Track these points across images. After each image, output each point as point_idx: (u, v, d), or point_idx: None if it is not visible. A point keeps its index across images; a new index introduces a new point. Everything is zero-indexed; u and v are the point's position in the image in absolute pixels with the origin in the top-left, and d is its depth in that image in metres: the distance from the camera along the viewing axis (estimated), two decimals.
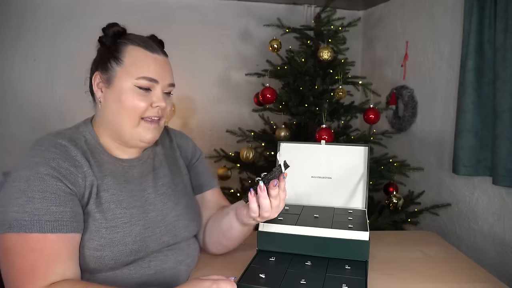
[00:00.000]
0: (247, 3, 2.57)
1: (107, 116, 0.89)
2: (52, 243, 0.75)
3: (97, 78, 0.90)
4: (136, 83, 0.87)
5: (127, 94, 0.87)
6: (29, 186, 0.77)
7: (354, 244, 0.90)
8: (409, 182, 2.14)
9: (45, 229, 0.75)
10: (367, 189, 1.08)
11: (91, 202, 0.83)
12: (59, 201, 0.78)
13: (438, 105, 1.99)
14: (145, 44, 0.90)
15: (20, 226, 0.74)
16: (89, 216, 0.83)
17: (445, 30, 1.94)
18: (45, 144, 0.83)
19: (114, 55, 0.88)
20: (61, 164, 0.80)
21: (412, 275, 0.98)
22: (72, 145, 0.85)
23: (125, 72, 0.87)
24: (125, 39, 0.90)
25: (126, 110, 0.87)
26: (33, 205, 0.75)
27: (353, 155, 1.11)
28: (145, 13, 2.40)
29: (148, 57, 0.89)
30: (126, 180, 0.91)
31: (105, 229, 0.83)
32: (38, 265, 0.73)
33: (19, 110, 2.34)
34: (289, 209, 1.07)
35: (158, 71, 0.89)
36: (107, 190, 0.86)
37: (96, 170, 0.86)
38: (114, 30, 0.90)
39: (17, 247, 0.73)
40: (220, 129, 2.48)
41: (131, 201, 0.89)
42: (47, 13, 2.32)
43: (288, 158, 1.15)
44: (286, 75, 1.98)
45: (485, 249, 1.70)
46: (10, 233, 0.74)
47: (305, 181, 1.13)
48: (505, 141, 1.50)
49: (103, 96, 0.89)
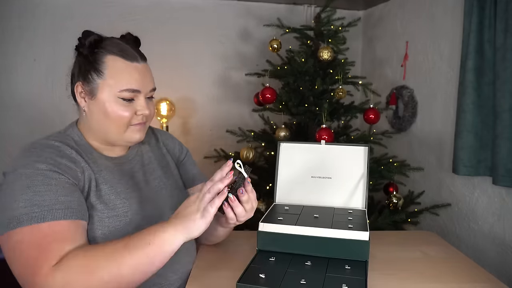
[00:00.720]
0: (247, 3, 2.57)
1: (92, 124, 0.92)
2: (64, 227, 0.76)
3: (79, 88, 0.91)
4: (119, 95, 0.88)
5: (111, 106, 0.88)
6: (32, 182, 0.77)
7: (354, 244, 0.90)
8: (409, 182, 2.14)
9: (56, 216, 0.76)
10: (367, 189, 1.08)
11: (92, 194, 0.85)
12: (65, 192, 0.79)
13: (438, 105, 1.99)
14: (123, 53, 0.90)
15: (31, 218, 0.74)
16: (90, 208, 0.85)
17: (445, 30, 1.94)
18: (38, 146, 0.84)
19: (94, 66, 0.88)
20: (59, 160, 0.82)
21: (412, 275, 0.98)
22: (64, 144, 0.87)
23: (107, 85, 0.88)
24: (102, 49, 0.89)
25: (112, 121, 0.89)
26: (40, 197, 0.76)
27: (353, 155, 1.11)
28: (145, 13, 2.40)
29: (128, 68, 0.89)
30: (120, 173, 0.94)
31: (108, 218, 0.86)
32: (51, 246, 0.73)
33: (18, 110, 2.34)
34: (289, 209, 1.07)
35: (139, 80, 0.90)
36: (105, 183, 0.89)
37: (92, 166, 0.89)
38: (91, 40, 0.89)
39: (28, 238, 0.73)
40: (220, 129, 2.48)
41: (128, 192, 0.92)
42: (47, 13, 2.32)
43: (288, 158, 1.15)
44: (286, 75, 1.98)
45: (485, 249, 1.70)
46: (20, 227, 0.73)
47: (305, 181, 1.13)
48: (505, 141, 1.50)
49: (87, 105, 0.91)
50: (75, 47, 0.92)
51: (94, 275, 0.72)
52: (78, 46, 0.91)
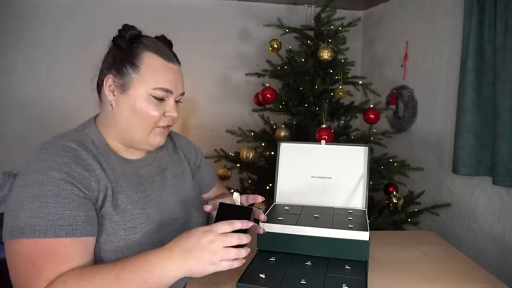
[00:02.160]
0: (247, 3, 2.57)
1: (118, 120, 0.88)
2: (66, 246, 0.74)
3: (110, 80, 0.87)
4: (151, 92, 0.86)
5: (142, 103, 0.86)
6: (42, 191, 0.75)
7: (354, 244, 0.90)
8: (409, 182, 2.14)
9: (59, 233, 0.73)
10: (367, 189, 1.08)
11: (107, 204, 0.83)
12: (73, 206, 0.76)
13: (438, 105, 1.99)
14: (161, 52, 0.89)
15: (34, 231, 0.72)
16: (105, 218, 0.82)
17: (445, 30, 1.94)
18: (54, 147, 0.81)
19: (131, 60, 0.86)
20: (74, 168, 0.79)
21: (412, 275, 0.98)
22: (81, 148, 0.83)
23: (141, 80, 0.86)
24: (141, 44, 0.88)
25: (140, 118, 0.87)
26: (47, 210, 0.74)
27: (353, 155, 1.11)
28: (145, 13, 2.40)
29: (164, 67, 0.88)
30: (138, 181, 0.91)
31: (124, 230, 0.83)
32: (46, 267, 0.71)
33: (19, 110, 2.34)
34: (289, 209, 1.07)
35: (173, 81, 0.89)
36: (122, 192, 0.86)
37: (109, 173, 0.85)
38: (132, 34, 0.87)
39: (26, 252, 0.72)
40: (220, 129, 2.48)
41: (146, 201, 0.90)
42: (47, 13, 2.32)
43: (288, 158, 1.15)
44: (286, 75, 1.98)
45: (485, 249, 1.70)
46: (21, 238, 0.72)
47: (305, 181, 1.13)
48: (505, 141, 1.50)
49: (115, 100, 0.87)
50: (112, 38, 0.90)
51: None
52: (116, 38, 0.89)
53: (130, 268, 0.71)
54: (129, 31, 0.88)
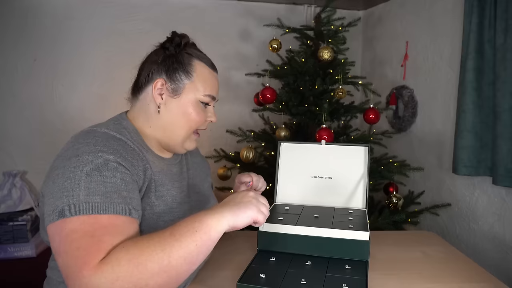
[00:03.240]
0: (247, 3, 2.57)
1: (164, 123, 0.92)
2: (124, 223, 0.74)
3: (159, 84, 0.91)
4: (201, 98, 0.93)
5: (193, 108, 0.92)
6: (98, 171, 0.75)
7: (355, 244, 0.90)
8: (409, 182, 2.14)
9: (118, 210, 0.74)
10: (367, 189, 1.08)
11: (151, 195, 0.86)
12: (128, 187, 0.78)
13: (438, 105, 1.99)
14: (206, 60, 0.96)
15: (92, 208, 0.71)
16: (145, 209, 0.84)
17: (445, 30, 1.94)
18: (102, 135, 0.82)
19: (185, 68, 0.92)
20: (125, 155, 0.81)
21: (412, 275, 0.98)
22: (126, 139, 0.86)
23: (194, 87, 0.92)
24: (191, 52, 0.94)
25: (187, 121, 0.92)
26: (104, 188, 0.74)
27: (353, 155, 1.11)
28: (145, 13, 2.40)
29: (212, 75, 0.96)
30: (172, 178, 0.95)
31: (164, 222, 0.86)
32: (104, 238, 0.70)
33: (19, 110, 2.34)
34: (289, 209, 1.07)
35: (217, 89, 0.98)
36: (162, 185, 0.90)
37: (152, 165, 0.89)
38: (185, 41, 0.95)
39: (85, 228, 0.70)
40: (220, 129, 2.48)
41: (182, 196, 0.95)
42: (47, 13, 2.32)
43: (288, 158, 1.15)
44: (286, 75, 1.98)
45: (485, 249, 1.70)
46: (78, 215, 0.70)
47: (305, 181, 1.13)
48: (505, 141, 1.50)
49: (163, 103, 0.91)
50: (161, 43, 0.95)
51: (144, 267, 0.68)
52: (168, 43, 0.94)
53: (183, 224, 0.74)
54: (182, 38, 0.95)
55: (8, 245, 1.70)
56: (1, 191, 2.14)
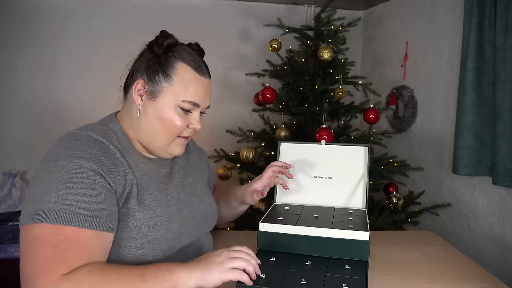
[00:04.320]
0: (247, 3, 2.57)
1: (143, 125, 0.89)
2: (87, 237, 0.73)
3: (139, 85, 0.88)
4: (179, 104, 0.87)
5: (169, 112, 0.87)
6: (71, 178, 0.74)
7: (355, 244, 0.90)
8: (409, 182, 2.14)
9: (83, 223, 0.72)
10: (367, 189, 1.08)
11: (132, 201, 0.83)
12: (99, 198, 0.76)
13: (438, 105, 1.99)
14: (195, 64, 0.90)
15: (58, 217, 0.71)
16: (128, 215, 0.82)
17: (445, 30, 1.94)
18: (83, 139, 0.81)
19: (164, 69, 0.87)
20: (103, 161, 0.79)
21: (412, 275, 0.98)
22: (108, 142, 0.84)
23: (172, 91, 0.87)
24: (176, 53, 0.89)
25: (164, 127, 0.88)
26: (74, 197, 0.73)
27: (353, 155, 1.11)
28: (145, 13, 2.40)
29: (197, 81, 0.89)
30: (159, 180, 0.93)
31: (147, 227, 0.84)
32: (70, 253, 0.70)
33: (19, 110, 2.34)
34: (289, 209, 1.07)
35: (202, 95, 0.90)
36: (146, 189, 0.88)
37: (134, 169, 0.87)
38: (170, 42, 0.89)
39: (48, 237, 0.70)
40: (220, 129, 2.48)
41: (168, 199, 0.92)
42: (47, 13, 2.32)
43: (288, 158, 1.15)
44: (286, 75, 1.98)
45: (485, 249, 1.70)
46: (44, 223, 0.70)
47: (305, 181, 1.13)
48: (505, 141, 1.50)
49: (142, 105, 0.88)
50: (148, 43, 0.91)
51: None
52: (153, 43, 0.90)
53: (154, 268, 0.73)
54: (167, 39, 0.89)
55: (8, 245, 1.70)
56: (1, 191, 2.14)
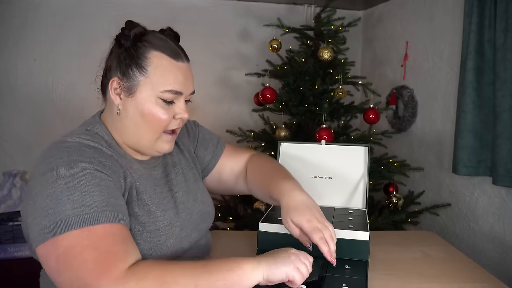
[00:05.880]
0: (247, 3, 2.57)
1: (125, 125, 0.84)
2: (120, 230, 0.70)
3: (115, 83, 0.82)
4: (160, 95, 0.81)
5: (150, 107, 0.81)
6: (79, 182, 0.69)
7: (354, 244, 0.90)
8: (409, 182, 2.14)
9: (110, 219, 0.69)
10: (368, 189, 1.08)
11: (134, 205, 0.80)
12: (114, 194, 0.73)
13: (438, 105, 1.99)
14: (169, 50, 0.83)
15: (83, 220, 0.66)
16: (131, 219, 0.78)
17: (445, 30, 1.94)
18: (74, 145, 0.75)
19: (137, 62, 0.81)
20: (104, 162, 0.75)
21: (412, 275, 0.98)
22: (101, 146, 0.79)
23: (149, 83, 0.81)
24: (146, 42, 0.82)
25: (148, 123, 0.82)
26: (91, 198, 0.68)
27: (354, 155, 1.11)
28: (145, 13, 2.39)
29: (174, 67, 0.82)
30: (154, 183, 0.88)
31: (149, 232, 0.80)
32: (115, 247, 0.66)
33: (19, 110, 2.33)
34: None
35: (182, 81, 0.83)
36: (144, 192, 0.83)
37: (131, 171, 0.82)
38: (136, 32, 0.82)
39: (83, 242, 0.65)
40: (220, 129, 2.48)
41: (165, 203, 0.87)
42: (47, 13, 2.32)
43: (288, 158, 1.15)
44: (286, 75, 1.98)
45: (485, 249, 1.70)
46: (70, 231, 0.65)
47: (306, 181, 1.13)
48: (505, 141, 1.50)
49: (122, 103, 0.82)
50: (115, 37, 0.84)
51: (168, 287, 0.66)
52: (119, 36, 0.83)
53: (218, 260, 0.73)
54: (133, 29, 0.82)
55: (8, 245, 1.70)
56: (1, 191, 2.14)
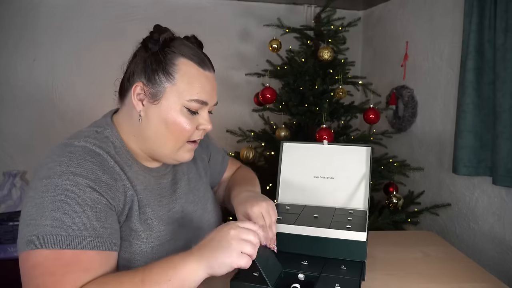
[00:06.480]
0: (247, 3, 2.57)
1: (146, 133, 0.80)
2: (90, 258, 0.68)
3: (139, 88, 0.79)
4: (186, 104, 0.78)
5: (175, 116, 0.78)
6: (67, 198, 0.68)
7: (351, 245, 0.90)
8: (409, 182, 2.14)
9: (84, 245, 0.67)
10: (369, 190, 1.08)
11: (134, 219, 0.77)
12: (99, 216, 0.70)
13: (438, 105, 1.99)
14: (197, 58, 0.81)
15: (56, 241, 0.65)
16: (130, 235, 0.77)
17: (445, 30, 1.94)
18: (78, 151, 0.73)
19: (165, 68, 0.78)
20: (101, 177, 0.72)
21: (412, 275, 0.98)
22: (106, 153, 0.76)
23: (175, 91, 0.78)
24: (175, 48, 0.80)
25: (171, 132, 0.79)
26: (71, 219, 0.67)
27: (356, 156, 1.11)
28: (145, 13, 2.40)
29: (201, 76, 0.80)
30: (159, 193, 0.86)
31: (151, 248, 0.79)
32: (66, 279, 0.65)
33: (19, 109, 2.34)
34: (290, 208, 1.07)
35: (209, 91, 0.81)
36: (147, 205, 0.81)
37: (134, 183, 0.80)
38: (166, 37, 0.80)
39: (46, 264, 0.65)
40: (220, 129, 2.48)
41: (170, 215, 0.85)
42: (47, 13, 2.32)
43: (291, 157, 1.15)
44: (286, 75, 1.98)
45: (485, 249, 1.70)
46: (42, 249, 0.65)
47: (308, 181, 1.13)
48: (505, 141, 1.50)
49: (144, 110, 0.79)
50: (142, 41, 0.82)
51: None
52: (147, 40, 0.81)
53: (155, 269, 0.68)
54: (163, 33, 0.80)
55: (8, 245, 1.70)
56: (1, 191, 2.14)
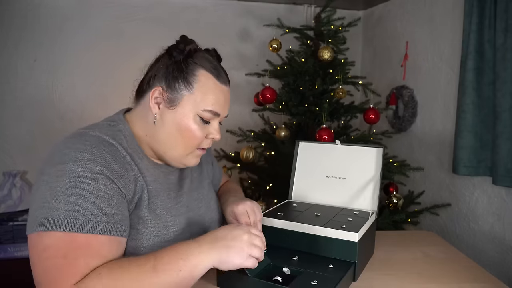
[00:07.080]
0: (247, 3, 2.57)
1: (159, 135, 0.85)
2: (101, 243, 0.70)
3: (157, 92, 0.83)
4: (200, 113, 0.84)
5: (188, 122, 0.83)
6: (81, 183, 0.70)
7: (343, 244, 0.91)
8: (409, 182, 2.14)
9: (96, 229, 0.70)
10: (379, 191, 1.08)
11: (144, 208, 0.80)
12: (111, 203, 0.73)
13: (438, 105, 1.99)
14: (216, 71, 0.87)
15: (70, 225, 0.68)
16: (138, 223, 0.80)
17: (445, 30, 1.94)
18: (93, 140, 0.77)
19: (185, 77, 0.83)
20: (113, 165, 0.76)
21: (412, 275, 0.98)
22: (118, 144, 0.80)
23: (192, 99, 0.83)
24: (197, 60, 0.85)
25: (182, 137, 0.84)
26: (85, 204, 0.70)
27: (367, 156, 1.12)
28: (145, 13, 2.39)
29: (217, 89, 0.86)
30: (168, 187, 0.89)
31: (157, 237, 0.81)
32: (78, 262, 0.67)
33: (19, 110, 2.34)
34: (297, 206, 1.09)
35: (223, 104, 0.88)
36: (156, 196, 0.84)
37: (144, 175, 0.83)
38: (191, 48, 0.85)
39: (59, 246, 0.67)
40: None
41: (178, 208, 0.89)
42: (47, 14, 2.32)
43: (305, 157, 1.17)
44: (286, 75, 1.98)
45: (485, 249, 1.70)
46: (55, 231, 0.67)
47: (320, 180, 1.15)
48: (505, 141, 1.50)
49: (159, 113, 0.84)
50: (167, 48, 0.87)
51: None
52: (172, 48, 0.86)
53: (166, 257, 0.71)
54: (188, 44, 0.86)
55: (8, 245, 1.70)
56: (1, 191, 2.14)
